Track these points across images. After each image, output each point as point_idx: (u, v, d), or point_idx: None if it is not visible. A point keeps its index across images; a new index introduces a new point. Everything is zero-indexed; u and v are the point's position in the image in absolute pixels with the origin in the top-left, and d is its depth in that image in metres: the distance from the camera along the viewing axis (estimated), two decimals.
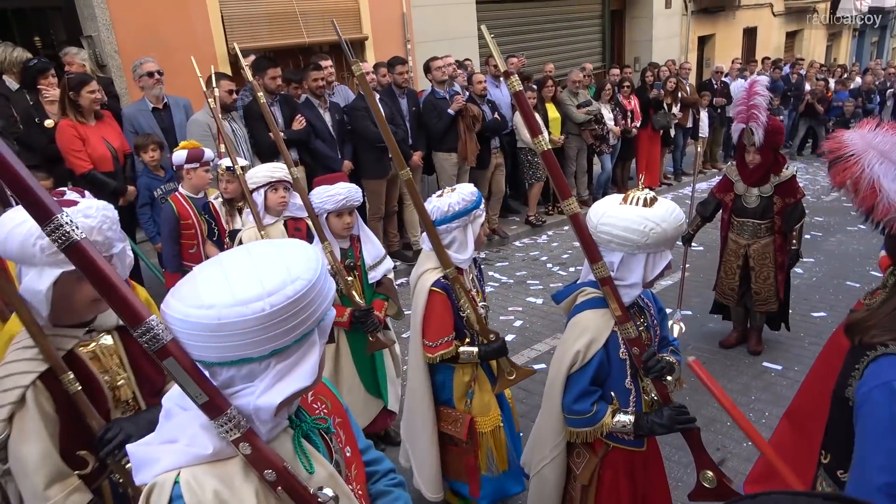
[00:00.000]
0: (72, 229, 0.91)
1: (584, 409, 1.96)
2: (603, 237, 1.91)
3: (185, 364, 0.98)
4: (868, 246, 6.99)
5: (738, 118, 4.13)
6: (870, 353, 1.38)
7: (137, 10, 6.04)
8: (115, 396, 1.77)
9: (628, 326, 1.91)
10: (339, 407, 1.35)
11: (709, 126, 10.51)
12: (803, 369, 4.38)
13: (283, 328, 0.98)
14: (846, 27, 19.17)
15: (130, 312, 0.94)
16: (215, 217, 4.19)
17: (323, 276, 1.05)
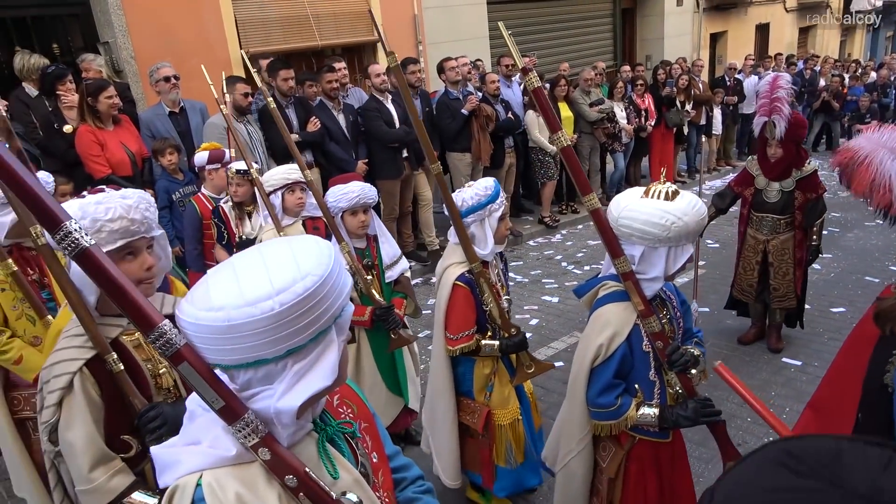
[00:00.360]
0: (81, 236, 0.90)
1: (608, 402, 1.95)
2: (624, 231, 1.90)
3: (200, 369, 0.96)
4: (887, 241, 6.92)
5: (761, 111, 4.10)
6: None
7: (153, 16, 6.11)
8: (157, 384, 1.83)
9: (651, 321, 1.91)
10: (366, 411, 1.33)
11: (722, 123, 10.45)
12: (823, 365, 4.34)
13: (296, 326, 0.96)
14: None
15: (142, 317, 0.94)
16: (225, 221, 4.21)
17: (336, 271, 1.02)
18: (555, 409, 3.99)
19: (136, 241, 1.71)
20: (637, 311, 1.91)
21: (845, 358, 1.70)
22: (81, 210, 1.64)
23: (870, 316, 1.60)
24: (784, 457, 0.59)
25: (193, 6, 6.37)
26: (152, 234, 1.76)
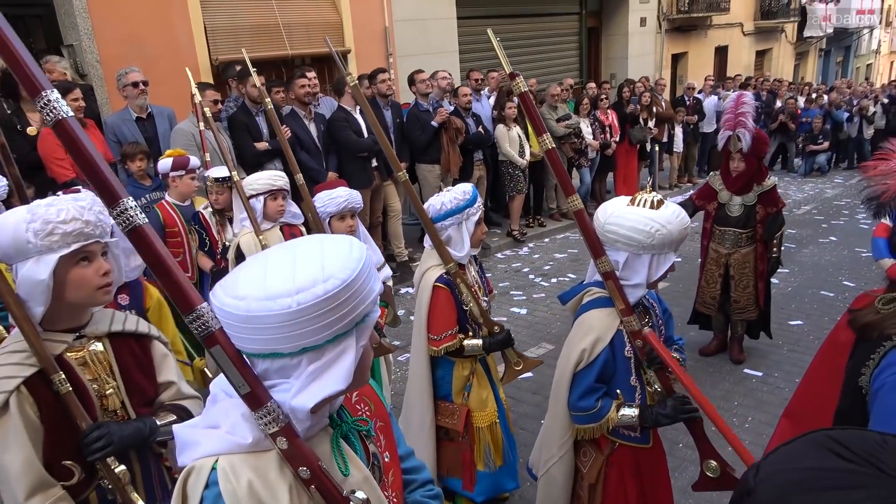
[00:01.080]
0: (135, 213, 0.96)
1: (588, 405, 1.99)
2: (610, 236, 1.96)
3: (231, 353, 0.99)
4: (840, 258, 7.19)
5: (726, 125, 4.24)
6: (886, 343, 1.44)
7: (120, 19, 6.01)
8: (103, 405, 1.72)
9: (631, 319, 1.96)
10: (383, 410, 1.33)
11: (683, 141, 10.75)
12: (783, 375, 4.49)
13: (313, 326, 0.97)
14: (813, 47, 19.79)
15: (184, 297, 0.98)
16: (206, 228, 4.17)
17: (363, 275, 1.01)
18: (525, 419, 4.05)
19: (90, 244, 1.63)
20: (618, 310, 1.96)
21: (819, 366, 1.77)
22: (31, 213, 1.57)
23: (843, 324, 1.66)
24: (830, 442, 0.62)
25: (162, 11, 6.29)
26: (106, 238, 1.69)
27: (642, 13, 12.59)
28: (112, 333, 1.76)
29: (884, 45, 26.49)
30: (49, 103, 0.94)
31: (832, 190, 11.26)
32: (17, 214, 1.58)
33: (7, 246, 1.57)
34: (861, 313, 1.57)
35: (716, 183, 4.46)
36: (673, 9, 13.26)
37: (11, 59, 0.93)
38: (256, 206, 3.49)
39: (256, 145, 5.60)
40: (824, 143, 12.36)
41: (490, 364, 2.81)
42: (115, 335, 1.77)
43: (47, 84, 0.94)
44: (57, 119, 0.95)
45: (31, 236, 1.54)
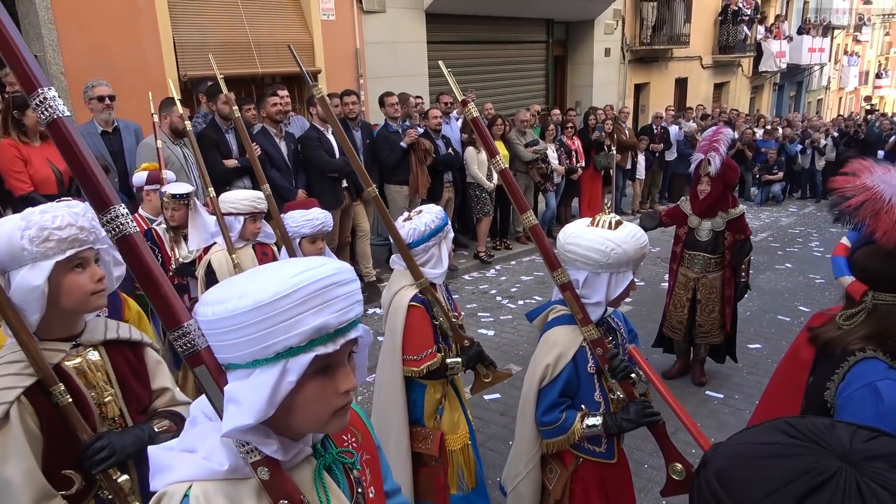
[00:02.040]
0: (126, 221, 0.94)
1: (553, 418, 2.03)
2: (569, 256, 2.03)
3: (215, 374, 0.96)
4: (795, 283, 7.43)
5: (700, 150, 4.41)
6: (850, 359, 1.51)
7: (86, 32, 5.92)
8: (102, 413, 1.71)
9: (590, 328, 2.01)
10: (371, 443, 1.28)
11: (646, 169, 11.02)
12: (743, 397, 4.60)
13: (225, 342, 0.94)
14: (767, 81, 20.59)
15: (170, 313, 0.95)
16: (158, 244, 4.09)
17: (288, 302, 0.91)
18: (494, 440, 4.04)
19: (84, 251, 1.64)
20: (577, 320, 2.01)
21: (780, 383, 1.82)
22: (25, 220, 1.56)
23: (802, 342, 1.72)
24: (784, 426, 0.70)
25: (130, 25, 6.22)
26: (99, 245, 1.70)
27: (606, 44, 12.96)
28: (107, 341, 1.76)
29: (833, 81, 27.75)
30: (45, 101, 0.93)
31: (787, 218, 11.66)
32: (12, 222, 1.57)
33: (2, 253, 1.56)
34: (822, 330, 1.64)
35: (686, 208, 4.57)
36: (636, 41, 13.68)
37: (10, 56, 0.92)
38: (235, 224, 3.46)
39: (226, 162, 5.55)
40: (779, 174, 12.83)
41: (458, 385, 2.81)
42: (110, 343, 1.77)
43: (45, 81, 0.93)
44: (52, 118, 0.94)
45: (27, 243, 1.54)
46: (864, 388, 1.45)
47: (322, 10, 7.89)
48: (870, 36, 32.78)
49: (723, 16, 16.80)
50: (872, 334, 1.53)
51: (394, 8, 8.71)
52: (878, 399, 1.42)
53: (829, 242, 9.53)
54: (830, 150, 13.19)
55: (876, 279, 1.55)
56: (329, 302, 0.95)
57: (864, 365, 1.49)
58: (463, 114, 8.37)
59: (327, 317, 0.94)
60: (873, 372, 1.46)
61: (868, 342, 1.52)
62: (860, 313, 1.57)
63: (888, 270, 1.51)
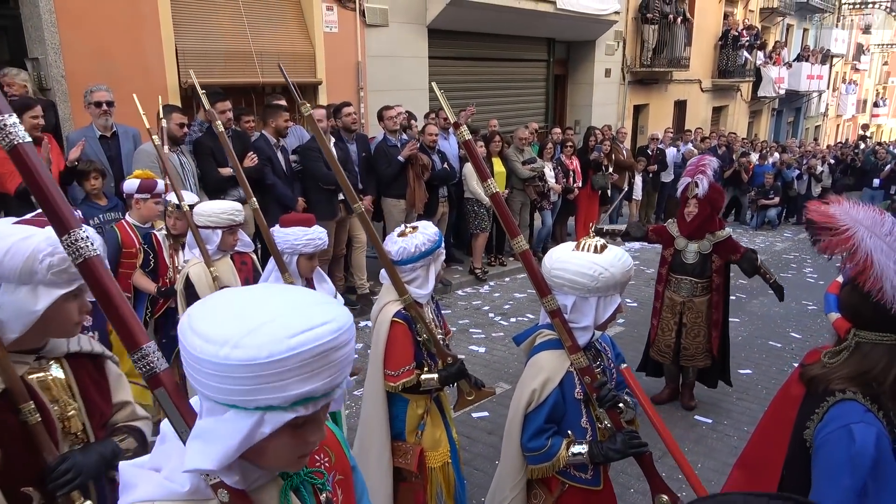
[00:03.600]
0: (87, 245, 0.94)
1: (539, 445, 2.02)
2: (556, 281, 2.03)
3: (175, 396, 0.95)
4: (787, 309, 7.43)
5: (687, 173, 4.46)
6: (829, 399, 1.51)
7: (88, 35, 5.94)
8: (65, 428, 1.66)
9: (579, 356, 2.01)
10: (345, 462, 1.24)
11: (642, 190, 11.09)
12: (732, 423, 4.58)
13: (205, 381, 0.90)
14: (766, 106, 20.75)
15: (130, 335, 0.95)
16: (156, 249, 4.10)
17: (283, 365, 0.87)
18: (480, 459, 4.02)
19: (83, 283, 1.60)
20: (565, 347, 2.01)
21: (772, 418, 1.81)
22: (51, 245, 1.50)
23: (795, 378, 1.71)
24: None
25: (133, 31, 6.25)
26: None
27: (607, 65, 13.05)
28: (69, 354, 1.72)
29: (831, 108, 27.98)
30: (4, 128, 0.93)
31: (782, 244, 11.69)
32: (36, 242, 1.49)
33: (11, 268, 1.49)
34: (809, 368, 1.63)
35: (673, 230, 4.58)
36: (636, 62, 13.78)
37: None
38: (213, 237, 3.44)
39: (221, 171, 5.56)
40: (775, 199, 12.90)
41: (444, 402, 2.81)
42: (72, 356, 1.73)
43: (5, 108, 0.93)
44: (12, 145, 0.93)
45: (44, 268, 1.49)
46: (840, 429, 1.45)
47: (325, 23, 7.94)
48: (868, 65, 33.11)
49: (723, 40, 16.95)
50: (854, 375, 1.53)
51: (396, 22, 8.78)
52: (850, 441, 1.42)
53: (822, 269, 9.56)
54: (827, 177, 13.28)
55: (856, 316, 1.56)
56: (322, 369, 0.91)
57: (841, 406, 1.49)
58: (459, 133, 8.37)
59: (316, 384, 0.91)
60: (849, 414, 1.46)
61: (850, 383, 1.52)
62: (844, 351, 1.57)
63: (865, 308, 1.51)
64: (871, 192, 12.71)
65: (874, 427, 1.46)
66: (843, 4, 25.87)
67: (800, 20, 22.63)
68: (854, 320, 1.57)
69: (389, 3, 8.61)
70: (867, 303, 1.49)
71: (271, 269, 2.99)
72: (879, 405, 1.51)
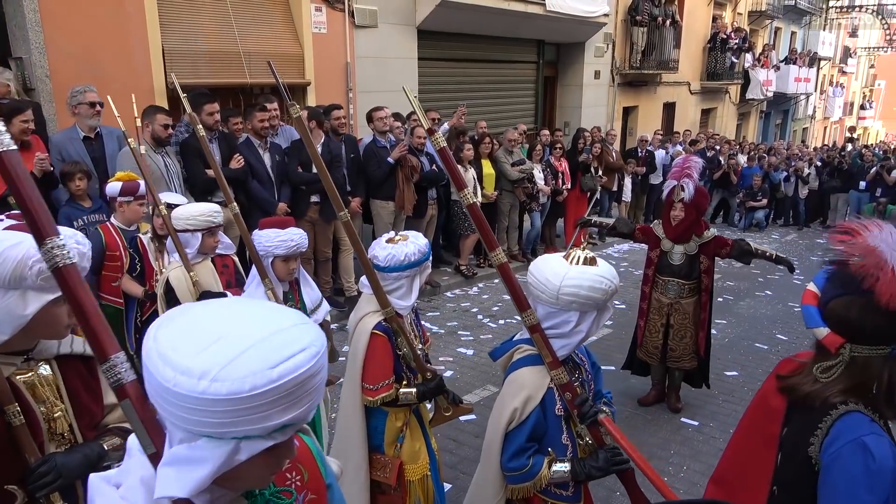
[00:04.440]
0: (62, 253, 0.95)
1: (520, 464, 1.96)
2: (566, 299, 1.91)
3: (140, 409, 0.93)
4: (774, 311, 7.49)
5: (672, 176, 4.44)
6: (832, 413, 1.48)
7: (74, 35, 5.88)
8: (51, 429, 1.67)
9: (559, 372, 1.96)
10: (319, 482, 1.20)
11: (631, 192, 11.13)
12: (718, 425, 4.60)
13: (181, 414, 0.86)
14: (754, 108, 20.89)
15: (99, 345, 0.94)
16: (142, 253, 4.07)
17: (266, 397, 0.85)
18: (466, 462, 4.01)
19: None
20: (546, 363, 1.96)
21: (749, 433, 1.76)
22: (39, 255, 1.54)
23: (772, 390, 1.67)
24: None
25: (119, 31, 6.19)
26: None
27: (596, 66, 13.08)
28: (59, 356, 1.72)
29: (818, 111, 28.21)
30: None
31: (769, 245, 11.76)
32: (26, 248, 1.50)
33: (1, 274, 1.50)
34: (796, 381, 1.59)
35: (658, 231, 4.58)
36: (625, 64, 13.83)
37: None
38: (192, 241, 3.41)
39: (208, 172, 5.52)
40: (763, 200, 12.99)
41: (423, 413, 2.76)
42: (63, 357, 1.73)
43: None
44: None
45: (35, 273, 1.50)
46: (851, 443, 1.43)
47: (314, 23, 7.91)
48: (855, 68, 33.41)
49: (711, 43, 17.05)
50: (852, 387, 1.51)
51: (386, 23, 8.75)
52: (867, 455, 1.40)
53: (809, 271, 9.63)
54: (813, 180, 13.38)
55: (855, 332, 1.50)
56: (301, 397, 0.89)
57: (847, 419, 1.47)
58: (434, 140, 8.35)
59: (295, 412, 0.90)
60: (858, 426, 1.44)
61: (849, 395, 1.50)
62: (837, 366, 1.53)
63: (869, 323, 1.47)
64: (857, 194, 12.81)
65: (885, 437, 1.45)
66: (830, 7, 26.09)
67: (787, 23, 22.79)
68: (851, 335, 1.51)
69: (379, 4, 8.59)
70: (875, 318, 1.45)
71: (254, 276, 2.96)
72: (880, 413, 1.51)
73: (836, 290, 1.54)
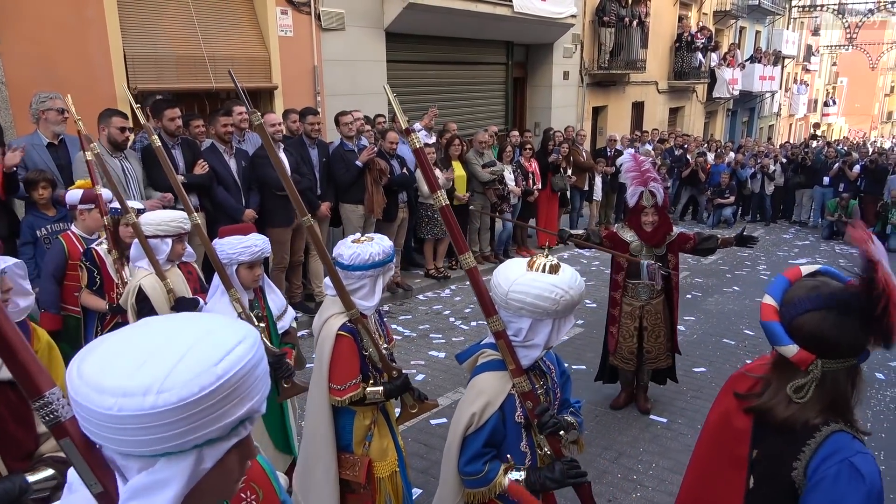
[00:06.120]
0: None
1: (476, 469, 1.96)
2: (514, 304, 1.91)
3: (82, 448, 0.86)
4: (742, 307, 7.62)
5: (635, 183, 4.31)
6: (817, 435, 1.47)
7: (30, 41, 5.75)
8: None
9: (521, 380, 1.95)
10: (274, 500, 1.19)
11: (602, 190, 11.24)
12: (686, 422, 4.66)
13: (135, 437, 0.82)
14: (721, 107, 21.24)
15: (29, 382, 0.85)
16: (99, 265, 3.95)
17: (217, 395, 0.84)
18: (438, 467, 3.97)
19: None
20: (509, 370, 1.95)
21: (712, 455, 1.71)
22: None
23: (734, 409, 1.64)
24: None
25: (78, 36, 6.07)
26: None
27: (565, 67, 13.19)
28: None
29: (784, 108, 28.79)
30: None
31: None
32: None
33: None
34: (768, 403, 1.54)
35: (625, 234, 4.48)
36: (594, 65, 13.97)
37: None
38: (163, 247, 3.36)
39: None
40: (730, 198, 13.22)
41: (389, 411, 2.79)
42: None
43: None
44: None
45: None
46: (840, 464, 1.43)
47: (280, 27, 7.85)
48: (818, 66, 34.19)
49: (678, 43, 17.30)
50: (829, 404, 1.50)
51: (354, 26, 8.72)
52: (858, 477, 1.40)
53: (775, 266, 9.83)
54: (779, 176, 13.64)
55: (828, 347, 1.47)
56: (250, 388, 0.88)
57: (832, 441, 1.46)
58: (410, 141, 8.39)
59: (251, 402, 0.88)
60: (845, 447, 1.44)
61: (828, 414, 1.49)
62: (809, 384, 1.50)
63: (845, 339, 1.46)
64: (821, 189, 13.10)
65: (869, 454, 1.45)
66: (793, 7, 26.66)
67: (752, 22, 23.23)
68: (823, 350, 1.48)
69: (346, 6, 8.55)
70: (852, 333, 1.44)
71: (217, 285, 2.92)
72: (850, 424, 1.50)
73: (807, 304, 1.49)
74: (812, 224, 13.63)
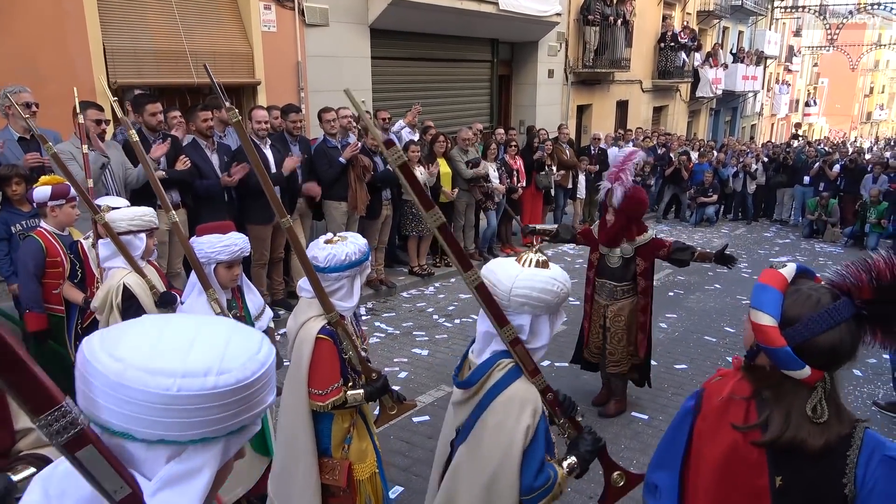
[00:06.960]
0: None
1: (546, 478, 1.89)
2: (517, 300, 1.89)
3: (108, 453, 0.82)
4: (723, 304, 7.68)
5: (609, 178, 4.35)
6: (853, 442, 1.49)
7: (7, 34, 5.66)
8: None
9: (540, 377, 1.95)
10: None
11: (585, 188, 11.27)
12: (667, 419, 4.66)
13: (184, 419, 0.84)
14: (704, 106, 21.41)
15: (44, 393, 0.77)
16: (83, 259, 3.93)
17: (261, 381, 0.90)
18: (419, 465, 4.00)
19: None
20: (525, 374, 1.93)
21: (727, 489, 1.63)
22: None
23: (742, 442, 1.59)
24: None
25: (56, 30, 5.98)
26: None
27: (550, 65, 13.22)
28: None
29: (766, 108, 29.07)
30: None
31: (719, 239, 12.05)
32: None
33: None
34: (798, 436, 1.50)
35: (597, 232, 4.54)
36: (578, 63, 14.01)
37: None
38: (137, 243, 3.31)
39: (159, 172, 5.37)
40: (713, 196, 13.32)
41: (366, 413, 2.76)
42: None
43: None
44: None
45: None
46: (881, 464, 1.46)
47: (263, 22, 7.78)
48: (800, 66, 34.56)
49: (662, 42, 17.40)
50: (839, 409, 1.53)
51: (337, 22, 8.67)
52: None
53: (757, 264, 9.92)
54: (761, 175, 13.78)
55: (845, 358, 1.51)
56: (273, 379, 0.96)
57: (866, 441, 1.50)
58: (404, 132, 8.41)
59: (272, 395, 0.96)
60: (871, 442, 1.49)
61: (846, 419, 1.53)
62: (821, 400, 1.51)
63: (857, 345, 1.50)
64: (802, 188, 13.25)
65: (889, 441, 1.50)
66: (776, 8, 26.92)
67: (735, 23, 23.42)
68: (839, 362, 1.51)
69: (329, 2, 8.50)
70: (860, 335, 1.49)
71: (194, 284, 2.87)
72: None
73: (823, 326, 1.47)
74: (793, 223, 13.79)
